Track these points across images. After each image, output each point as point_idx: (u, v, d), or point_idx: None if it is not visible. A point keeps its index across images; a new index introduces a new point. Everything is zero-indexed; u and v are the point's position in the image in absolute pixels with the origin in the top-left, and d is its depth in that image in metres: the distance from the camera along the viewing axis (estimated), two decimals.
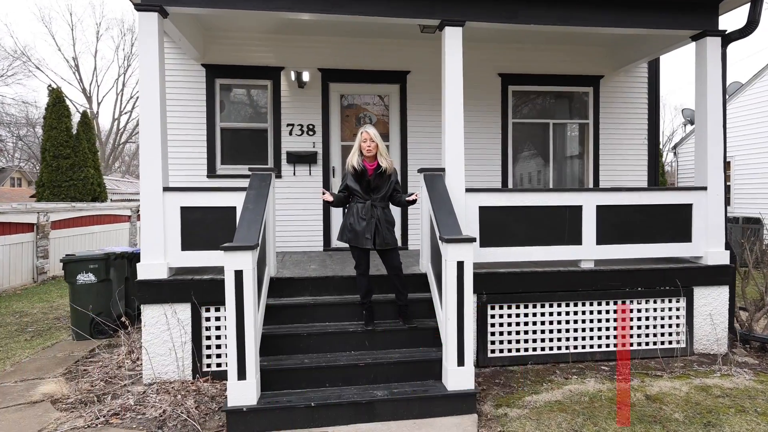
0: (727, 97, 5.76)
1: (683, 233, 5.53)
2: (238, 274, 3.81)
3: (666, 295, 5.41)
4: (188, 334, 4.74)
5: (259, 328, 4.11)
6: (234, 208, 4.83)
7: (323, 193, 4.48)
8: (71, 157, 13.62)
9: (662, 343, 5.44)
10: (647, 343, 5.42)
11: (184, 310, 4.74)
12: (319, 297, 4.93)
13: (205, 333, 4.81)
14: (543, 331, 5.26)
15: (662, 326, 5.44)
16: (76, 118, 15.55)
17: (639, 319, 5.39)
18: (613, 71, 7.72)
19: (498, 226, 5.20)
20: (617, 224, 5.41)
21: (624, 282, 5.32)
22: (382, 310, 4.74)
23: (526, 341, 5.23)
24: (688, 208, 5.53)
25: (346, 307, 4.76)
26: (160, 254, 4.75)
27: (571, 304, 5.29)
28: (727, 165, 13.69)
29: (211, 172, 7.08)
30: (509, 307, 5.21)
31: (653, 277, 5.38)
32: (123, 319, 5.25)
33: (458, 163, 5.12)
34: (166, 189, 4.81)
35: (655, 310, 5.41)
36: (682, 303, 5.45)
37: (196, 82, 7.00)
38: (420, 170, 5.25)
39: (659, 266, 5.45)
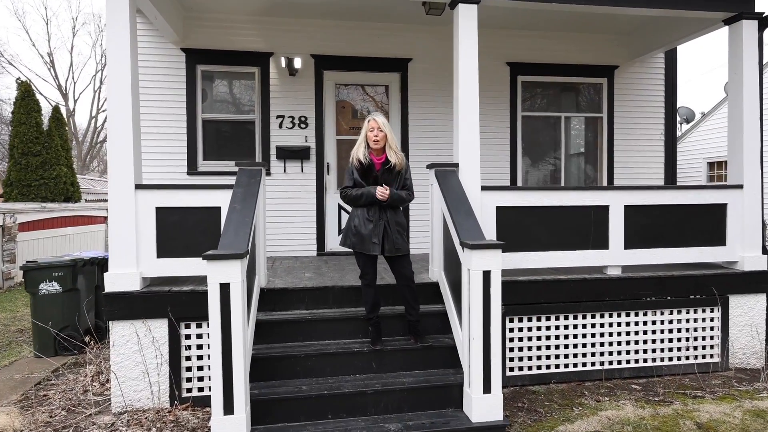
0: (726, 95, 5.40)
1: (717, 236, 5.04)
2: (224, 288, 3.17)
3: (700, 304, 4.91)
4: (165, 355, 4.09)
5: (248, 351, 3.47)
6: (218, 209, 4.19)
7: (381, 193, 3.76)
8: (42, 154, 12.72)
9: (695, 357, 4.93)
10: (679, 358, 4.90)
11: (159, 327, 4.09)
12: (317, 311, 4.30)
13: (184, 353, 4.16)
14: (566, 346, 4.71)
15: (695, 339, 4.93)
16: (49, 115, 14.58)
17: (671, 331, 4.88)
18: (628, 61, 7.20)
19: (517, 228, 4.64)
20: (646, 226, 4.89)
21: (654, 290, 4.80)
22: (388, 325, 4.14)
23: (548, 357, 4.68)
24: (722, 208, 5.04)
25: (349, 323, 4.15)
26: (132, 262, 4.08)
27: (597, 315, 4.75)
28: (724, 165, 13.37)
29: (192, 169, 6.39)
30: (530, 320, 4.65)
31: (686, 285, 4.87)
32: (87, 338, 4.55)
33: (473, 158, 4.54)
34: (138, 187, 4.14)
35: (688, 321, 4.90)
36: (717, 313, 4.95)
37: (174, 69, 6.30)
38: (430, 165, 4.66)
39: (691, 272, 4.93)
